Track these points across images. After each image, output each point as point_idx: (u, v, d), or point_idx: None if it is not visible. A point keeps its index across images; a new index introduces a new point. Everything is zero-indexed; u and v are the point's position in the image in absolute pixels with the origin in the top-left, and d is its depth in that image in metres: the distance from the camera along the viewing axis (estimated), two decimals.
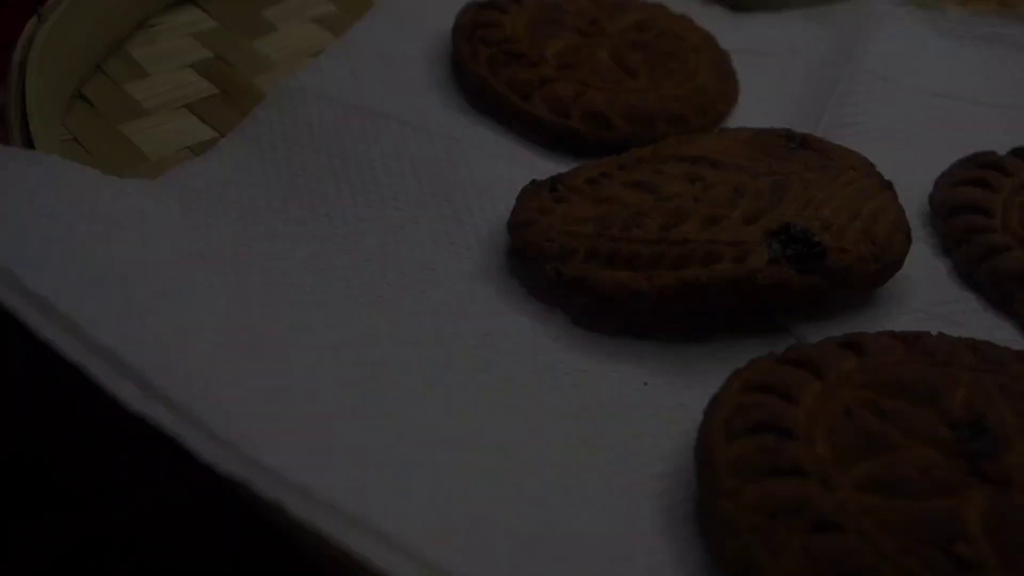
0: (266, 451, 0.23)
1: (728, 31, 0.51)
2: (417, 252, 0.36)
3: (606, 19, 0.47)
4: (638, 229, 0.34)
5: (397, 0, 0.49)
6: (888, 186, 0.38)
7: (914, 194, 0.41)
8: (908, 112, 0.46)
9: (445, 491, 0.26)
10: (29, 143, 0.35)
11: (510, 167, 0.41)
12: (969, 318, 0.36)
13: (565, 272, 0.34)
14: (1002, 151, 0.42)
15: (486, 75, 0.44)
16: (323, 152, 0.40)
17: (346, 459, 0.25)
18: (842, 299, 0.35)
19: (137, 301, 0.28)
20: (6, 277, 0.25)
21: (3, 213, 0.28)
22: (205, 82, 0.44)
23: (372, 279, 0.34)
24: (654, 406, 0.31)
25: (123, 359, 0.24)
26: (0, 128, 0.37)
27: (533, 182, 0.38)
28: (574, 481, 0.28)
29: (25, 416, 0.32)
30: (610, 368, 0.32)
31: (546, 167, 0.41)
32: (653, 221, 0.35)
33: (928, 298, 0.36)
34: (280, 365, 0.29)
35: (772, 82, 0.48)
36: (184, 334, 0.28)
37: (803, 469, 0.26)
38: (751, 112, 0.46)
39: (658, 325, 0.34)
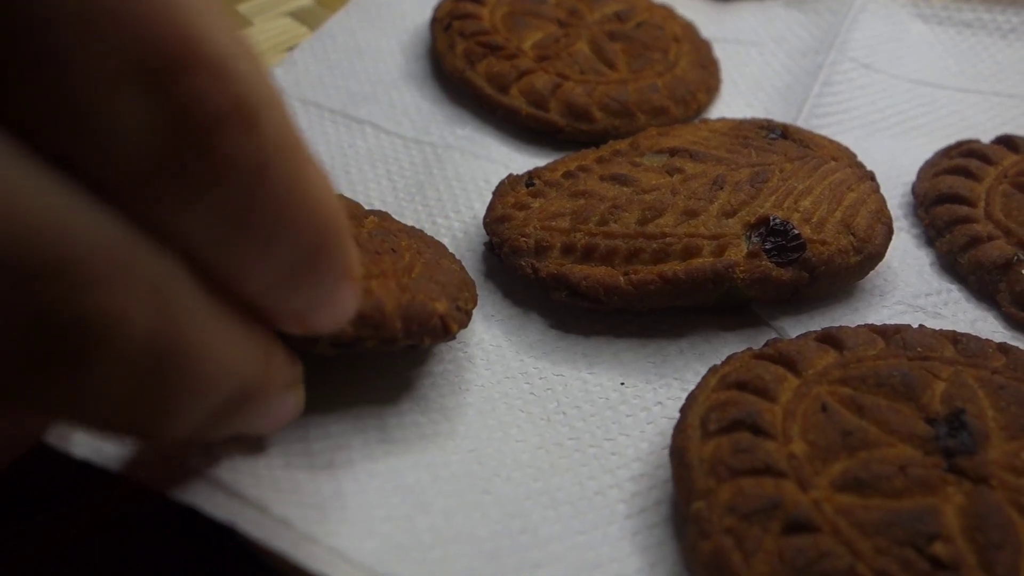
0: (220, 465, 0.22)
1: (709, 20, 0.50)
2: None
3: (585, 9, 0.47)
4: (615, 223, 0.34)
5: None
6: (869, 176, 0.37)
7: (896, 184, 0.41)
8: (890, 100, 0.46)
9: (412, 500, 0.25)
10: None
11: (487, 164, 0.40)
12: (952, 309, 0.35)
13: (540, 268, 0.33)
14: (986, 139, 0.42)
15: (463, 68, 0.43)
16: None
17: (305, 472, 0.25)
18: (822, 292, 0.34)
19: None
20: None
21: None
22: None
23: None
24: (630, 406, 0.31)
25: None
26: None
27: (509, 176, 0.37)
28: (545, 485, 0.27)
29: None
30: (586, 370, 0.32)
31: (524, 161, 0.41)
32: (630, 215, 0.34)
33: (910, 290, 0.36)
34: None
35: (754, 71, 0.48)
36: None
37: (779, 468, 0.25)
38: (733, 102, 0.46)
39: (636, 321, 0.34)
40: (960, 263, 0.36)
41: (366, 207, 0.36)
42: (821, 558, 0.23)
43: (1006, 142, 0.41)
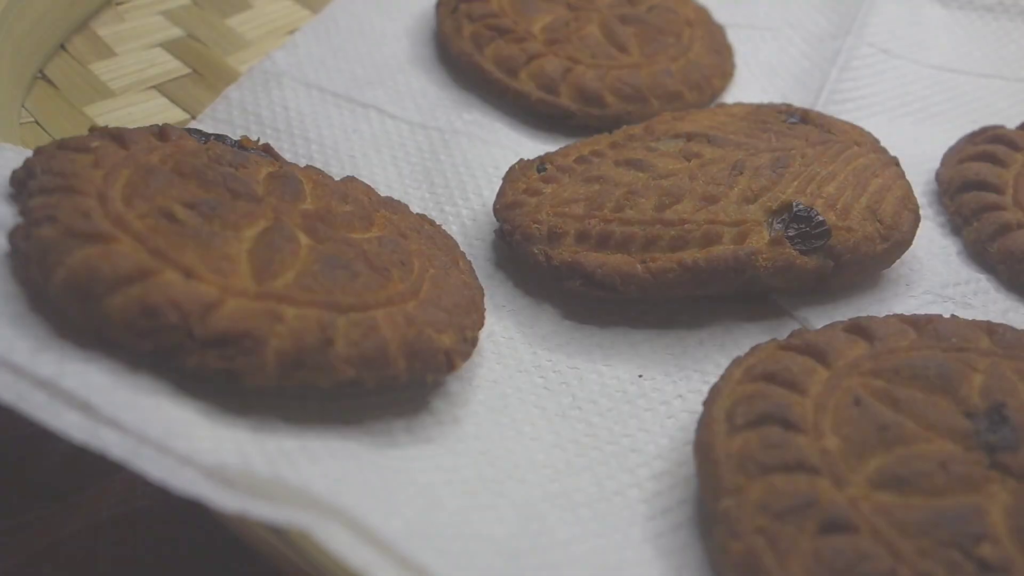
0: (230, 455, 0.21)
1: (723, 4, 0.49)
2: None
3: None
4: (631, 210, 0.32)
5: None
6: (894, 162, 0.36)
7: (920, 170, 0.39)
8: (911, 85, 0.45)
9: (427, 496, 0.24)
10: None
11: (495, 150, 0.39)
12: (981, 299, 0.34)
13: (554, 256, 0.32)
14: (1011, 125, 0.40)
15: (471, 51, 0.42)
16: (300, 137, 0.38)
17: (322, 452, 0.24)
18: (847, 281, 0.33)
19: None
20: None
21: None
22: (175, 61, 0.42)
23: None
24: (649, 400, 0.29)
25: (63, 388, 0.22)
26: None
27: (520, 161, 0.36)
28: (562, 486, 0.26)
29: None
30: (602, 363, 0.31)
31: (534, 147, 0.39)
32: (647, 201, 0.33)
33: (937, 279, 0.34)
34: None
35: (769, 56, 0.47)
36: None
37: (812, 464, 0.24)
38: (748, 87, 0.45)
39: (653, 311, 0.32)
40: (989, 252, 0.35)
41: None
42: (861, 560, 0.22)
43: None
